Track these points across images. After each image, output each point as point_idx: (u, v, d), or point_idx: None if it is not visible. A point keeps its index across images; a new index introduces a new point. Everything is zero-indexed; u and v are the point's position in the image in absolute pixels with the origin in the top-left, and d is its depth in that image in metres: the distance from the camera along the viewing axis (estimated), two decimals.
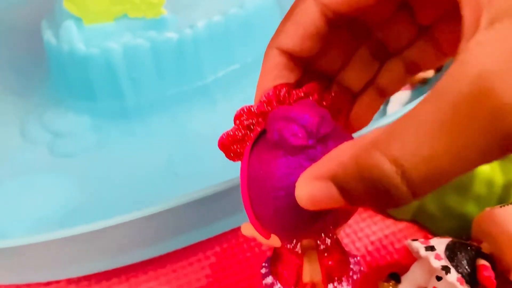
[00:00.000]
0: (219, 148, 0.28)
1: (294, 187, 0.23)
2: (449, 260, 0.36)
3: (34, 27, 0.57)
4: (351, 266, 0.34)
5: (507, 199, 0.41)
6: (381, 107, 0.51)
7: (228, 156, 0.28)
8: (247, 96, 0.53)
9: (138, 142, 0.50)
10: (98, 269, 0.42)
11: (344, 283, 0.33)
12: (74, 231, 0.35)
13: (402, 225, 0.45)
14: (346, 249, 0.34)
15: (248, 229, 0.30)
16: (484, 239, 0.38)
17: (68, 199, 0.45)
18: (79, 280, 0.42)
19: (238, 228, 0.44)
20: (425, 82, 0.52)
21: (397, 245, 0.43)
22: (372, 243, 0.43)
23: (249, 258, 0.43)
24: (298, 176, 0.23)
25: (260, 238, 0.30)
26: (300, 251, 0.32)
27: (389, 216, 0.46)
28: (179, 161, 0.48)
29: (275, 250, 0.34)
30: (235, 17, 0.53)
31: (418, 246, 0.38)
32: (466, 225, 0.42)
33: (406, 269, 0.39)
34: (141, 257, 0.42)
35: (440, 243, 0.38)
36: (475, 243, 0.38)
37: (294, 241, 0.31)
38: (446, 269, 0.36)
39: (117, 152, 0.49)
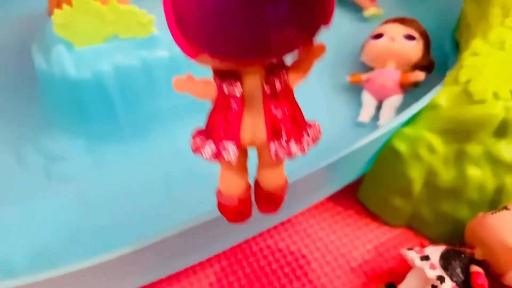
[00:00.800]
0: None
1: None
2: (444, 269, 0.37)
3: (24, 50, 0.57)
4: (307, 128, 0.29)
5: (499, 203, 0.41)
6: (374, 111, 0.52)
7: None
8: None
9: (134, 161, 0.50)
10: None
11: (293, 144, 0.28)
12: (83, 264, 0.36)
13: (397, 231, 0.46)
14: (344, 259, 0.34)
15: (180, 84, 0.28)
16: (477, 245, 0.39)
17: (68, 222, 0.46)
18: None
19: (237, 246, 0.45)
20: (416, 85, 0.53)
21: (393, 252, 0.44)
22: (368, 251, 0.44)
23: (248, 275, 0.43)
24: None
25: (193, 90, 0.27)
26: (240, 94, 0.26)
27: (384, 223, 0.46)
28: (175, 177, 0.49)
29: (211, 108, 0.29)
30: None
31: (413, 256, 0.38)
32: (460, 229, 0.42)
33: (402, 276, 0.40)
34: (143, 281, 0.42)
35: (435, 252, 0.38)
36: (468, 250, 0.39)
37: (234, 83, 0.26)
38: (441, 279, 0.36)
39: (114, 173, 0.49)
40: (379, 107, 0.52)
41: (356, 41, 0.59)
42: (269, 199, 0.34)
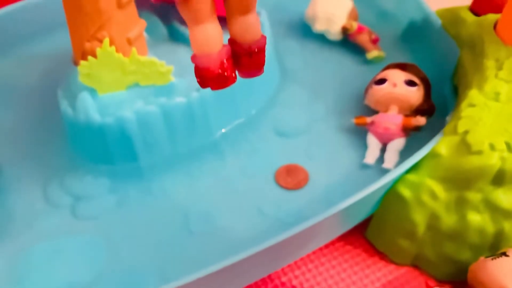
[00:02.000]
0: None
1: None
2: None
3: (48, 91, 0.60)
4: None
5: (499, 246, 0.45)
6: (379, 153, 0.55)
7: None
8: (253, 148, 0.57)
9: (155, 200, 0.53)
10: None
11: None
12: None
13: (403, 270, 0.49)
14: None
15: None
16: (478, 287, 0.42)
17: (94, 261, 0.49)
18: None
19: (253, 284, 0.48)
20: (418, 129, 0.56)
21: None
22: None
23: None
24: None
25: None
26: None
27: (391, 261, 0.50)
28: (194, 217, 0.52)
29: None
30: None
31: None
32: (463, 270, 0.46)
33: None
34: None
35: None
36: None
37: None
38: None
39: (136, 211, 0.52)
40: (383, 150, 0.56)
41: (359, 83, 0.63)
42: (250, 57, 0.32)
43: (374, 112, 0.59)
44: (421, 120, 0.55)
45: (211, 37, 0.31)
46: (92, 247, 0.50)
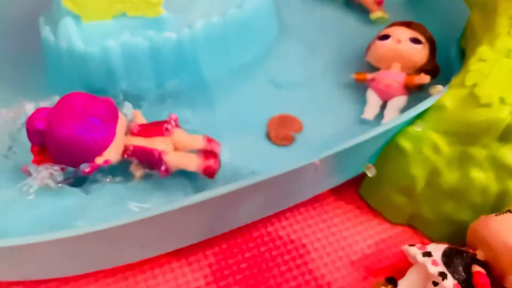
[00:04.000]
0: None
1: None
2: (446, 267, 0.37)
3: (31, 22, 0.56)
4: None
5: (501, 207, 0.42)
6: (378, 110, 0.52)
7: None
8: (246, 95, 0.53)
9: None
10: (96, 267, 0.42)
11: None
12: (77, 231, 0.35)
13: (398, 229, 0.46)
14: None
15: None
16: (479, 246, 0.39)
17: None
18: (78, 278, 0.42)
19: (236, 230, 0.45)
20: (421, 89, 0.53)
21: (393, 249, 0.44)
22: (369, 246, 0.44)
23: (247, 259, 0.43)
24: None
25: None
26: None
27: (385, 220, 0.46)
28: None
29: None
30: (233, 18, 0.53)
31: (415, 251, 0.39)
32: (461, 231, 0.43)
33: (402, 273, 0.40)
34: (139, 256, 0.42)
35: (437, 249, 0.38)
36: (470, 250, 0.39)
37: None
38: (442, 275, 0.37)
39: None
40: (383, 107, 0.53)
41: (361, 42, 0.59)
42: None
43: (375, 70, 0.56)
44: (425, 78, 0.52)
45: None
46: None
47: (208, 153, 0.44)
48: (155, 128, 0.44)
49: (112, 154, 0.42)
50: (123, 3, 0.49)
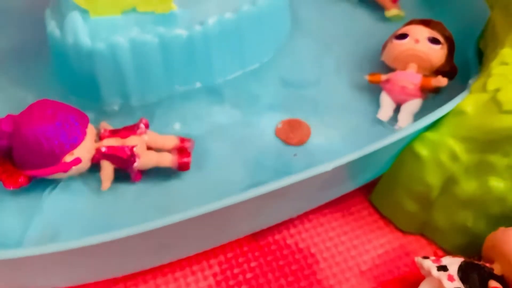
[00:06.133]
0: None
1: None
2: (462, 282, 0.36)
3: (37, 13, 0.54)
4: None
5: None
6: (392, 113, 0.51)
7: None
8: (256, 95, 0.52)
9: None
10: (98, 278, 0.41)
11: None
12: (74, 244, 0.34)
13: (410, 238, 0.44)
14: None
15: None
16: (496, 260, 0.38)
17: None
18: None
19: (243, 239, 0.43)
20: (437, 91, 0.51)
21: (405, 260, 0.43)
22: (379, 256, 0.43)
23: (253, 269, 0.42)
24: None
25: None
26: None
27: (396, 228, 0.45)
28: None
29: None
30: (247, 14, 0.51)
31: (430, 265, 0.37)
32: (476, 243, 0.41)
33: (413, 285, 0.39)
34: (142, 266, 0.41)
35: (453, 263, 0.37)
36: (487, 264, 0.37)
37: None
38: None
39: None
40: (396, 111, 0.51)
41: (375, 40, 0.58)
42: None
43: (390, 70, 0.54)
44: (442, 81, 0.50)
45: None
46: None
47: (182, 150, 0.44)
48: (126, 131, 0.44)
49: (82, 152, 0.42)
50: None
